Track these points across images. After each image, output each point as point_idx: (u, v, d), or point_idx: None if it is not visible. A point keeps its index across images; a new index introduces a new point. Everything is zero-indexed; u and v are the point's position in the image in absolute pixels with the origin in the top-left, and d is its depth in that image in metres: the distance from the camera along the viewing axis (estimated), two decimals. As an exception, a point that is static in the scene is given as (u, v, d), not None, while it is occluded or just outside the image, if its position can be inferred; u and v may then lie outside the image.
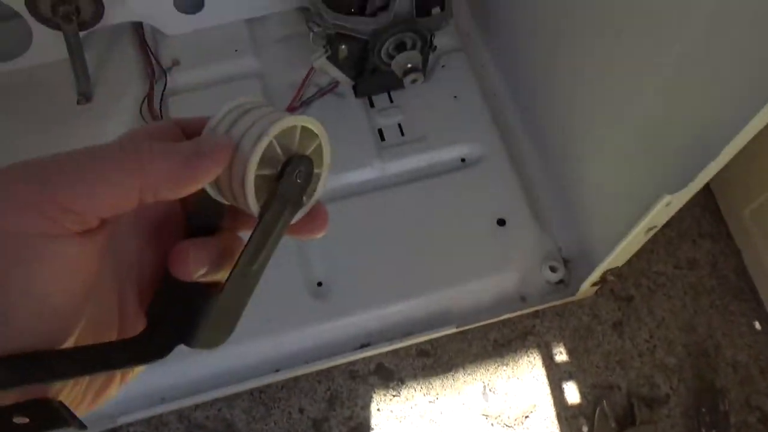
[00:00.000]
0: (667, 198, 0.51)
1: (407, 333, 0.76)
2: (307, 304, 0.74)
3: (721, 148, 0.45)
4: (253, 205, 0.23)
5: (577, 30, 0.67)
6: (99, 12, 0.78)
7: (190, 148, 0.22)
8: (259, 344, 0.72)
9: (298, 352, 0.74)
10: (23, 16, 0.77)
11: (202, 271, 0.23)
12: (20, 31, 0.81)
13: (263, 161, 0.23)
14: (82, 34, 0.79)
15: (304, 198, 0.25)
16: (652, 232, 0.60)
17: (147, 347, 0.22)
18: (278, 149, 0.24)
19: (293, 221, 0.25)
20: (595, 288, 0.77)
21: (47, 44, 0.81)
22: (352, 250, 0.77)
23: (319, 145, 0.26)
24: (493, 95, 0.89)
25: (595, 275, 0.71)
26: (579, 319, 0.85)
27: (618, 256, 0.66)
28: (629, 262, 0.71)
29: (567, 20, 0.68)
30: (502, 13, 0.86)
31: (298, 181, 0.24)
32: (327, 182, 0.26)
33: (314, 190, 0.26)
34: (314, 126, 0.25)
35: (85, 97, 0.81)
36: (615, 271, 0.71)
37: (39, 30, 0.79)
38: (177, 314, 0.23)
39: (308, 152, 0.25)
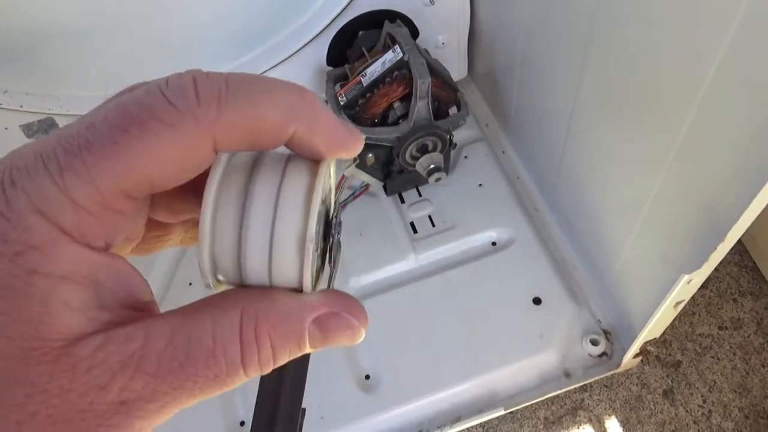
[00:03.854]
0: (686, 277, 0.54)
1: (456, 419, 0.78)
2: (357, 397, 0.78)
3: (727, 230, 0.48)
4: (309, 283, 0.20)
5: (585, 112, 0.71)
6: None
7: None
8: (315, 442, 0.76)
9: (353, 446, 0.76)
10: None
11: None
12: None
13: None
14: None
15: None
16: (680, 306, 0.62)
17: None
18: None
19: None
20: (639, 359, 0.78)
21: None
22: (396, 341, 0.81)
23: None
24: (516, 179, 0.94)
25: (635, 348, 0.73)
26: (628, 389, 0.85)
27: (652, 329, 0.67)
28: (672, 326, 0.72)
29: (575, 105, 0.73)
30: (515, 101, 0.93)
31: (339, 236, 0.22)
32: None
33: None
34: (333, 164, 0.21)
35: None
36: (654, 342, 0.73)
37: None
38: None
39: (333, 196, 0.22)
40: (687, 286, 0.56)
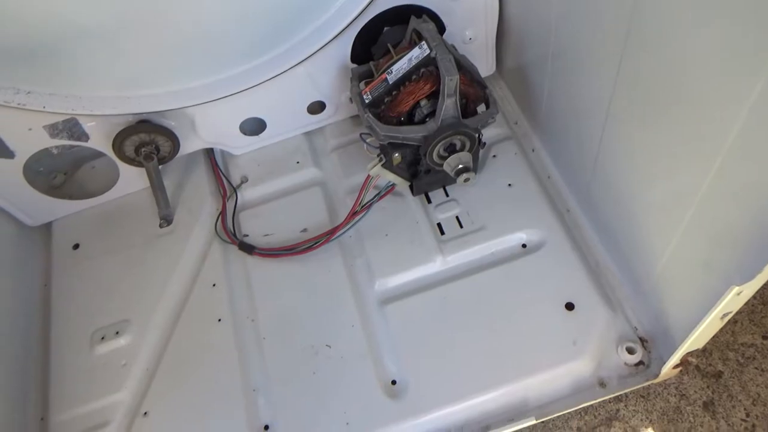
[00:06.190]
0: (736, 288, 0.50)
1: (485, 427, 0.75)
2: (384, 404, 0.76)
3: (784, 239, 0.44)
4: None
5: (624, 106, 0.67)
6: (175, 147, 0.87)
7: None
8: (339, 450, 0.74)
9: (378, 454, 0.74)
10: (111, 158, 0.87)
11: None
12: (109, 170, 0.91)
13: None
14: (160, 166, 0.88)
15: None
16: (727, 317, 0.58)
17: None
18: None
19: None
20: (678, 369, 0.74)
21: (132, 178, 0.91)
22: (423, 346, 0.78)
23: None
24: (547, 178, 0.90)
25: (675, 359, 0.69)
26: (666, 400, 0.81)
27: (696, 340, 0.64)
28: (712, 334, 0.68)
29: (613, 104, 0.69)
30: (546, 97, 0.89)
31: None
32: None
33: None
34: None
35: (166, 220, 0.88)
36: (695, 353, 0.69)
37: (125, 168, 0.89)
38: None
39: None
40: (737, 298, 0.52)
